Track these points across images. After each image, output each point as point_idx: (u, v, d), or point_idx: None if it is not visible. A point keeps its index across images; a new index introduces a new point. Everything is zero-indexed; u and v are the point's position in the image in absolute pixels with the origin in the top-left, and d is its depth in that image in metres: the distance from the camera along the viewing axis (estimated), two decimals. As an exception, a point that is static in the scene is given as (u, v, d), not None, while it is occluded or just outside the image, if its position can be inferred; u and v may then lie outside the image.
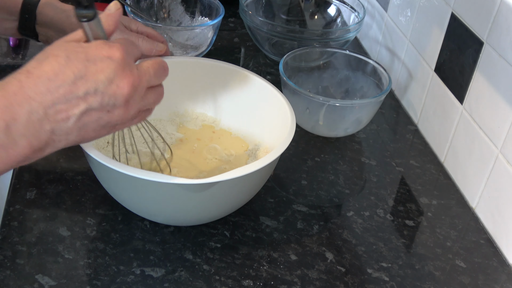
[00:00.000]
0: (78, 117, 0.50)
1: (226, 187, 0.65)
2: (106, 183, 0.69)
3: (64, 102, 0.48)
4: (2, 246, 0.68)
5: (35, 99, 0.47)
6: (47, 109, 0.48)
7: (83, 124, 0.51)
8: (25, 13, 0.77)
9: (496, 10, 0.75)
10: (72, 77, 0.48)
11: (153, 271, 0.67)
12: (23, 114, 0.47)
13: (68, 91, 0.48)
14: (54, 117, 0.49)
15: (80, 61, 0.49)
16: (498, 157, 0.76)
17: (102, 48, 0.50)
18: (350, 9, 1.14)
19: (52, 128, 0.49)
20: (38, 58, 0.50)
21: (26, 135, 0.48)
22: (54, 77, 0.48)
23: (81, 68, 0.48)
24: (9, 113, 0.46)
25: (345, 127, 0.91)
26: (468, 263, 0.73)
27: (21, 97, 0.47)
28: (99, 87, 0.49)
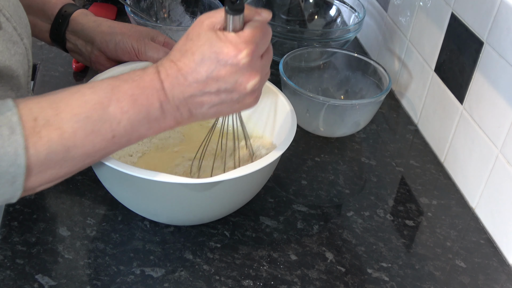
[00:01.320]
0: (211, 106, 0.58)
1: (228, 186, 0.65)
2: (107, 182, 0.69)
3: (199, 95, 0.57)
4: (2, 246, 0.68)
5: (177, 88, 0.56)
6: (186, 98, 0.57)
7: (216, 110, 0.59)
8: (59, 18, 0.80)
9: (496, 10, 0.75)
10: (205, 76, 0.56)
11: (153, 271, 0.67)
12: (170, 97, 0.56)
13: (201, 87, 0.56)
14: (192, 103, 0.57)
15: (212, 62, 0.55)
16: (498, 157, 0.76)
17: (231, 51, 0.55)
18: (350, 9, 1.14)
19: (190, 110, 0.58)
20: (180, 49, 0.57)
21: (172, 113, 0.57)
22: (190, 74, 0.56)
23: (213, 69, 0.55)
24: (162, 94, 0.56)
25: (345, 127, 0.91)
26: (468, 263, 0.73)
27: (168, 83, 0.56)
28: (227, 86, 0.57)
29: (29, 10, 0.78)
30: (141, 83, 0.56)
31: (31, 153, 0.51)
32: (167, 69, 0.56)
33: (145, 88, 0.55)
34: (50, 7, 0.80)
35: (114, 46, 0.77)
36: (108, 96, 0.54)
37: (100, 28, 0.79)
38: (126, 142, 0.57)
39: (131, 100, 0.55)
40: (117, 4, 1.22)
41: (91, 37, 0.79)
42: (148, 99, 0.55)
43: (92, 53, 0.80)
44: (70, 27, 0.80)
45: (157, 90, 0.56)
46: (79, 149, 0.53)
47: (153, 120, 0.57)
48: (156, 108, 0.56)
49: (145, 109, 0.55)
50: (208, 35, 0.56)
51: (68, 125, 0.52)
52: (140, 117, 0.55)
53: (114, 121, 0.54)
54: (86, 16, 0.81)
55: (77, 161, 0.55)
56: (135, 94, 0.55)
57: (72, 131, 0.52)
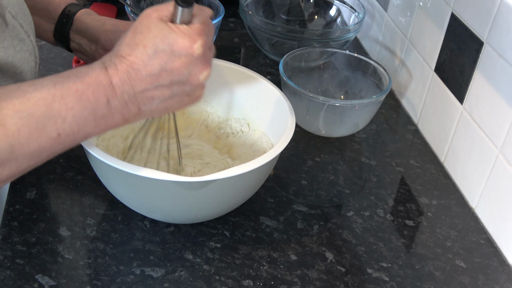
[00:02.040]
0: (162, 101, 0.58)
1: (223, 185, 0.65)
2: (104, 179, 0.70)
3: (151, 89, 0.56)
4: (2, 246, 0.68)
5: (127, 83, 0.55)
6: (137, 93, 0.56)
7: (166, 105, 0.58)
8: (63, 18, 0.80)
9: (496, 10, 0.75)
10: (158, 69, 0.55)
11: (153, 271, 0.67)
12: (118, 93, 0.55)
13: (154, 80, 0.55)
14: (141, 99, 0.56)
15: (166, 54, 0.55)
16: (498, 157, 0.76)
17: (186, 41, 0.55)
18: (350, 9, 1.14)
19: (139, 106, 0.57)
20: (129, 43, 0.56)
21: (120, 109, 0.56)
22: (143, 67, 0.55)
23: (167, 61, 0.55)
24: (110, 90, 0.54)
25: (345, 127, 0.91)
26: (468, 263, 0.73)
27: (117, 79, 0.54)
28: (181, 78, 0.56)
29: (33, 10, 0.78)
30: (86, 79, 0.54)
31: None
32: (116, 65, 0.55)
33: (90, 83, 0.54)
34: (54, 7, 0.81)
35: None
36: (51, 92, 0.52)
37: (104, 27, 0.79)
38: (71, 141, 0.55)
39: (76, 96, 0.53)
40: (117, 4, 1.22)
41: (96, 36, 0.79)
42: (94, 95, 0.53)
43: (97, 52, 0.80)
44: (74, 27, 0.80)
45: (104, 86, 0.54)
46: (24, 148, 0.51)
47: (99, 117, 0.55)
48: (103, 105, 0.54)
49: (91, 106, 0.53)
50: (159, 27, 0.55)
51: (11, 122, 0.50)
52: (85, 114, 0.53)
53: (59, 118, 0.52)
54: (90, 16, 0.81)
55: (21, 161, 0.52)
56: (80, 90, 0.53)
57: (15, 128, 0.50)
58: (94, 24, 0.79)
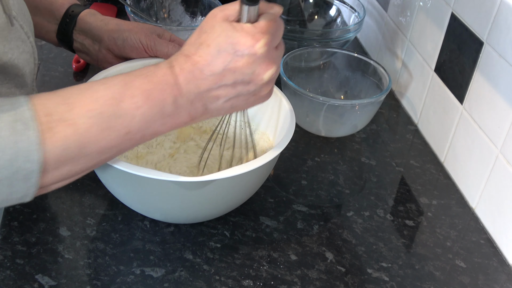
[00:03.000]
0: (227, 100, 0.58)
1: (223, 185, 0.65)
2: (104, 179, 0.70)
3: (215, 88, 0.56)
4: (2, 246, 0.68)
5: (192, 82, 0.55)
6: (202, 92, 0.56)
7: (231, 103, 0.59)
8: (66, 18, 0.80)
9: (496, 10, 0.75)
10: (221, 68, 0.55)
11: (153, 271, 0.67)
12: (184, 92, 0.55)
13: (218, 79, 0.56)
14: (207, 97, 0.57)
15: (228, 54, 0.55)
16: (498, 157, 0.76)
17: (249, 41, 0.55)
18: (350, 9, 1.14)
19: (205, 105, 0.57)
20: (194, 43, 0.56)
21: (186, 108, 0.56)
22: (206, 67, 0.55)
23: (230, 61, 0.55)
24: (176, 89, 0.55)
25: (345, 127, 0.91)
26: (468, 263, 0.73)
27: (182, 78, 0.55)
28: (244, 78, 0.56)
29: (36, 11, 0.79)
30: (154, 78, 0.55)
31: (46, 149, 0.50)
32: (182, 64, 0.56)
33: (158, 83, 0.55)
34: (57, 8, 0.81)
35: (122, 42, 0.78)
36: (121, 91, 0.54)
37: (107, 27, 0.79)
38: (140, 139, 0.56)
39: (145, 95, 0.54)
40: (117, 4, 1.22)
41: (99, 35, 0.79)
42: (161, 94, 0.55)
43: (100, 52, 0.80)
44: (77, 27, 0.80)
45: (170, 85, 0.55)
46: (94, 145, 0.53)
47: (167, 115, 0.56)
48: (170, 103, 0.55)
49: (158, 104, 0.55)
50: (223, 27, 0.55)
51: (82, 121, 0.51)
52: (153, 113, 0.55)
53: (128, 116, 0.54)
54: (93, 16, 0.81)
55: (92, 158, 0.54)
56: (148, 89, 0.54)
57: (86, 126, 0.52)
58: (98, 24, 0.80)
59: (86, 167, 0.55)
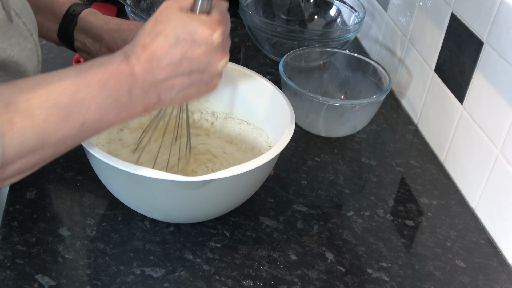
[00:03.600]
0: (181, 89, 0.59)
1: (222, 185, 0.65)
2: (104, 178, 0.70)
3: (171, 77, 0.57)
4: (2, 246, 0.68)
5: (149, 72, 0.56)
6: (158, 81, 0.57)
7: (184, 93, 0.60)
8: (67, 17, 0.81)
9: (496, 10, 0.75)
10: (179, 57, 0.56)
11: (153, 271, 0.67)
12: (140, 82, 0.56)
13: (175, 68, 0.57)
14: (162, 87, 0.57)
15: (187, 43, 0.56)
16: (498, 157, 0.76)
17: (207, 30, 0.56)
18: (350, 9, 1.14)
19: (159, 95, 0.58)
20: (150, 33, 0.56)
21: (140, 98, 0.57)
22: (164, 56, 0.56)
23: (188, 49, 0.56)
24: (132, 79, 0.55)
25: (345, 127, 0.91)
26: (468, 263, 0.73)
27: (138, 67, 0.56)
28: (200, 67, 0.58)
29: (37, 10, 0.79)
30: (109, 68, 0.55)
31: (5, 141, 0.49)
32: (138, 54, 0.56)
33: (113, 72, 0.55)
34: (58, 7, 0.81)
35: (123, 42, 0.78)
36: (75, 81, 0.53)
37: (108, 26, 0.79)
38: (95, 130, 0.56)
39: (99, 85, 0.54)
40: (117, 4, 1.22)
41: (100, 35, 0.79)
42: (116, 83, 0.55)
43: (100, 51, 0.80)
44: (78, 26, 0.81)
45: (126, 75, 0.55)
46: (51, 136, 0.52)
47: (121, 105, 0.56)
48: (125, 93, 0.55)
49: (113, 94, 0.55)
50: (180, 17, 0.56)
51: (38, 112, 0.51)
52: (108, 102, 0.55)
53: (83, 106, 0.53)
54: (94, 15, 0.81)
55: (47, 150, 0.53)
56: (103, 79, 0.54)
57: (43, 117, 0.51)
58: (99, 23, 0.80)
59: (41, 160, 0.54)
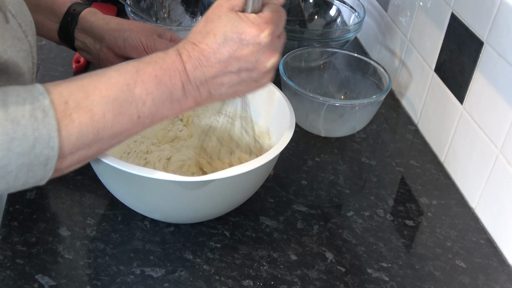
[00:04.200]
0: (230, 86, 0.60)
1: (222, 185, 0.65)
2: (103, 178, 0.70)
3: (220, 75, 0.59)
4: (2, 246, 0.68)
5: (199, 69, 0.58)
6: (208, 78, 0.58)
7: (234, 89, 0.61)
8: (68, 17, 0.81)
9: (496, 10, 0.75)
10: (227, 56, 0.58)
11: (153, 271, 0.67)
12: (191, 78, 0.58)
13: (223, 67, 0.58)
14: (212, 84, 0.59)
15: (234, 43, 0.57)
16: (498, 157, 0.76)
17: (254, 30, 0.57)
18: (350, 9, 1.14)
19: (209, 91, 0.60)
20: (201, 31, 0.58)
21: (192, 94, 0.59)
22: (213, 54, 0.57)
23: (235, 49, 0.57)
24: (184, 75, 0.57)
25: (345, 127, 0.91)
26: (468, 263, 0.73)
27: (190, 65, 0.58)
28: (249, 66, 0.59)
29: (38, 9, 0.79)
30: (164, 65, 0.57)
31: (64, 135, 0.52)
32: (189, 51, 0.58)
33: (168, 69, 0.57)
34: (59, 6, 0.81)
35: (123, 42, 0.78)
36: (133, 78, 0.56)
37: (108, 26, 0.80)
38: (149, 123, 0.58)
39: (155, 81, 0.56)
40: (117, 4, 1.22)
41: (100, 34, 0.79)
42: (171, 80, 0.57)
43: (101, 51, 0.80)
44: (79, 26, 0.81)
45: (179, 72, 0.57)
46: (108, 130, 0.55)
47: (175, 100, 0.58)
48: (179, 89, 0.58)
49: (168, 90, 0.57)
50: (229, 16, 0.57)
51: (97, 107, 0.53)
52: (163, 98, 0.57)
53: (140, 102, 0.56)
54: (94, 14, 0.81)
55: (105, 142, 0.56)
56: (158, 76, 0.57)
57: (101, 113, 0.54)
58: (99, 23, 0.80)
59: (98, 151, 0.57)
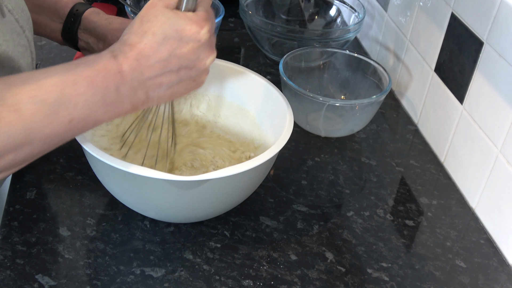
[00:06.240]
0: (169, 86, 0.59)
1: (218, 185, 0.64)
2: (100, 176, 0.70)
3: (159, 75, 0.58)
4: (2, 246, 0.68)
5: (137, 70, 0.56)
6: (146, 79, 0.57)
7: (172, 90, 0.60)
8: (71, 17, 0.81)
9: (496, 10, 0.75)
10: (167, 55, 0.57)
11: (153, 271, 0.67)
12: (128, 80, 0.56)
13: (163, 66, 0.57)
14: (150, 85, 0.58)
15: (174, 41, 0.57)
16: (498, 157, 0.76)
17: (194, 28, 0.57)
18: (350, 9, 1.14)
19: (147, 93, 0.59)
20: (137, 31, 0.57)
21: (128, 96, 0.57)
22: (152, 54, 0.56)
23: (176, 47, 0.57)
24: (119, 77, 0.56)
25: (345, 127, 0.91)
26: (468, 263, 0.73)
27: (127, 66, 0.56)
28: (189, 64, 0.59)
29: (41, 10, 0.79)
30: (97, 66, 0.55)
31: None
32: (126, 53, 0.56)
33: (101, 70, 0.55)
34: (62, 7, 0.81)
35: None
36: (63, 78, 0.53)
37: (111, 25, 0.80)
38: (83, 127, 0.56)
39: (87, 82, 0.54)
40: (117, 4, 1.22)
41: (104, 34, 0.80)
42: (103, 81, 0.55)
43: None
44: (82, 26, 0.81)
45: (113, 73, 0.56)
46: (38, 132, 0.52)
47: (109, 103, 0.56)
48: (112, 91, 0.56)
49: (101, 92, 0.55)
50: (167, 15, 0.57)
51: (26, 107, 0.51)
52: (96, 100, 0.55)
53: (71, 103, 0.53)
54: (98, 14, 0.82)
55: (35, 146, 0.53)
56: (90, 76, 0.54)
57: (30, 112, 0.51)
58: (102, 23, 0.80)
59: (29, 156, 0.54)
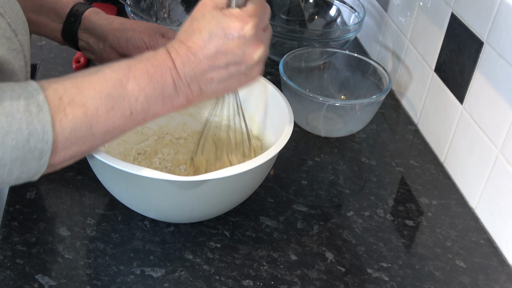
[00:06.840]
0: (221, 81, 0.61)
1: (218, 185, 0.64)
2: (100, 176, 0.70)
3: (209, 70, 0.60)
4: (2, 246, 0.68)
5: (188, 65, 0.59)
6: (197, 74, 0.60)
7: (225, 85, 0.62)
8: (71, 17, 0.81)
9: (496, 10, 0.75)
10: (214, 51, 0.59)
11: (153, 271, 0.67)
12: (181, 74, 0.59)
13: (211, 62, 0.59)
14: (202, 80, 0.60)
15: (220, 38, 0.59)
16: (498, 157, 0.76)
17: (238, 24, 0.59)
18: (350, 9, 1.14)
19: (200, 87, 0.61)
20: (187, 30, 0.60)
21: (184, 90, 0.60)
22: (199, 50, 0.59)
23: (221, 44, 0.59)
24: (175, 72, 0.59)
25: (345, 127, 0.91)
26: (468, 263, 0.73)
27: (179, 61, 0.59)
28: (236, 59, 0.60)
29: (41, 10, 0.79)
30: (155, 62, 0.59)
31: (57, 129, 0.53)
32: (177, 49, 0.59)
33: (159, 66, 0.59)
34: (62, 7, 0.82)
35: (126, 42, 0.78)
36: (126, 74, 0.57)
37: (112, 25, 0.80)
38: (142, 120, 0.59)
39: (147, 77, 0.58)
40: (117, 4, 1.22)
41: (104, 34, 0.80)
42: (162, 76, 0.58)
43: (104, 51, 0.80)
44: (82, 26, 0.81)
45: (169, 68, 0.59)
46: (100, 125, 0.56)
47: (167, 97, 0.59)
48: (170, 85, 0.59)
49: (160, 86, 0.58)
50: (213, 13, 0.59)
51: (91, 103, 0.55)
52: (155, 94, 0.58)
53: (132, 98, 0.57)
54: (97, 14, 0.82)
55: (97, 138, 0.57)
56: (150, 71, 0.58)
57: (94, 108, 0.55)
58: (102, 23, 0.80)
59: (91, 147, 0.58)
